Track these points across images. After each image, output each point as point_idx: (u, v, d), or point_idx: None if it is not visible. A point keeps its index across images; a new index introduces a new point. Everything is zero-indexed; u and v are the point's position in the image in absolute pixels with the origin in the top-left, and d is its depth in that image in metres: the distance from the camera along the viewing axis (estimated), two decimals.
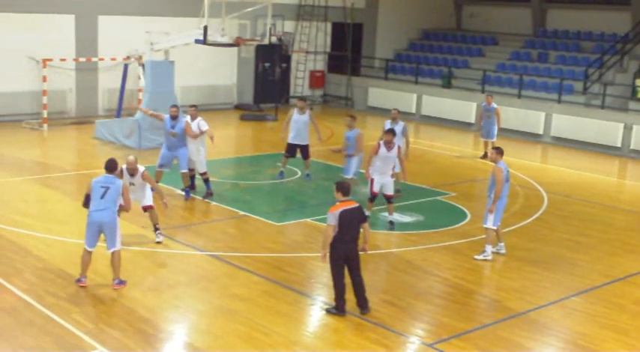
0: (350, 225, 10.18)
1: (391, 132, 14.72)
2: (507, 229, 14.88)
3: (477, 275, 12.27)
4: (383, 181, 14.57)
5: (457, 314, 10.72)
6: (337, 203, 10.31)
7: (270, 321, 10.09)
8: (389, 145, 14.42)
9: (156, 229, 13.10)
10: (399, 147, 14.76)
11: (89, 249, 11.00)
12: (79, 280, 10.99)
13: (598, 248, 14.24)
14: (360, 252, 10.52)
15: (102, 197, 10.90)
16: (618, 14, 29.57)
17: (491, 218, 12.97)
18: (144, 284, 11.25)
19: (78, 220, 14.47)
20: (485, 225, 13.09)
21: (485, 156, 21.91)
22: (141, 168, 12.68)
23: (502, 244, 13.40)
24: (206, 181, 16.01)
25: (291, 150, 17.85)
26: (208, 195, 15.95)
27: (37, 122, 23.45)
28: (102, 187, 10.95)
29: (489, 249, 13.09)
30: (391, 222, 14.80)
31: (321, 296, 11.11)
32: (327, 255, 10.24)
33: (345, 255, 10.26)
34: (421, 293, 11.54)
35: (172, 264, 12.31)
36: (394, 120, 16.81)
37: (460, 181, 19.10)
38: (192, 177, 16.23)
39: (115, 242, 10.95)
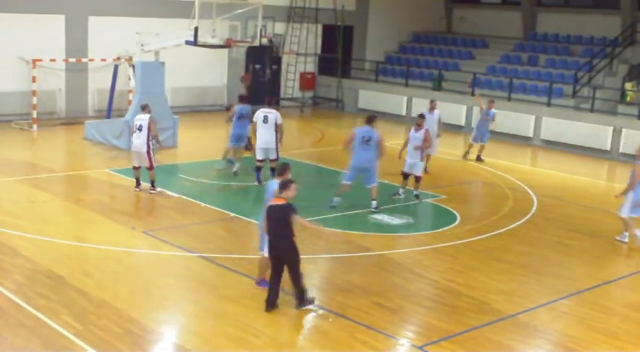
0: (273, 220, 10.25)
1: (421, 116, 17.23)
2: (497, 232, 14.96)
3: (466, 277, 12.29)
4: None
5: (447, 316, 10.73)
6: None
7: (260, 323, 10.07)
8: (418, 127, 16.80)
9: None
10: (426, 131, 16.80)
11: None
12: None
13: (587, 251, 14.29)
14: None
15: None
16: (608, 18, 29.69)
17: (625, 207, 14.53)
18: (133, 286, 11.22)
19: (67, 221, 14.48)
20: (620, 215, 14.73)
21: (479, 159, 21.96)
22: None
23: (626, 234, 14.75)
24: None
25: None
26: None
27: (26, 122, 23.37)
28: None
29: (628, 233, 14.71)
30: (417, 196, 16.91)
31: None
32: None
33: (273, 249, 10.36)
34: (411, 296, 11.55)
35: (162, 266, 12.28)
36: (431, 109, 19.78)
37: (450, 184, 19.13)
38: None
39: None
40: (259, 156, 17.16)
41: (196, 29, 19.71)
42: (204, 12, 20.13)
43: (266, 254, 10.60)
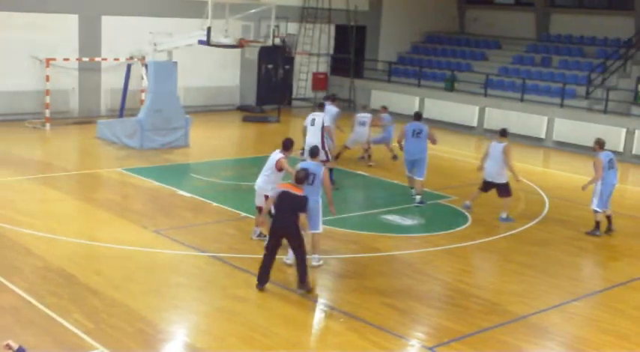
0: (281, 207, 11.09)
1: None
2: (509, 233, 14.91)
3: (477, 278, 12.27)
4: None
5: (457, 317, 10.71)
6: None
7: (271, 323, 10.09)
8: None
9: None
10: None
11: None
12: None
13: (599, 253, 14.24)
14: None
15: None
16: (622, 19, 29.57)
17: (594, 201, 15.00)
18: (144, 285, 11.25)
19: (79, 220, 14.55)
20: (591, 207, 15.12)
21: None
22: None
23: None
24: None
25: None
26: None
27: (39, 121, 23.47)
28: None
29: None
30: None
31: (322, 298, 11.12)
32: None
33: (275, 232, 11.13)
34: (422, 297, 11.54)
35: (173, 265, 12.31)
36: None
37: (461, 185, 19.08)
38: None
39: (316, 225, 12.06)
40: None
41: (209, 29, 19.74)
42: (217, 12, 20.17)
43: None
